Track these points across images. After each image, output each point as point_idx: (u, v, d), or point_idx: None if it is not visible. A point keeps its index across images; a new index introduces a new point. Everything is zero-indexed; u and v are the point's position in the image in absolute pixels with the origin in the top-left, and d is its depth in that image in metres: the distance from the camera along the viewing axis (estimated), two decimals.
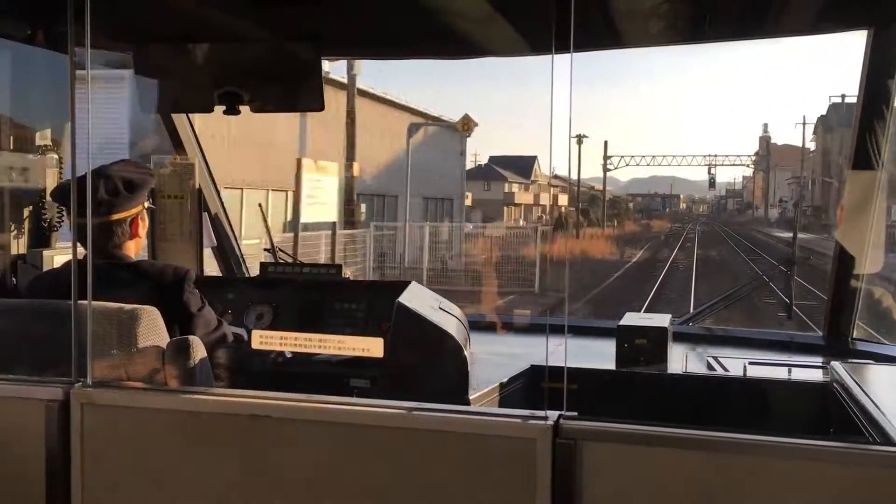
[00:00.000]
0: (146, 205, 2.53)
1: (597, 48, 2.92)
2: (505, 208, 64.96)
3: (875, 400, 2.06)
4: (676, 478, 1.48)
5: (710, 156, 65.85)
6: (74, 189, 1.92)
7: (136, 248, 2.49)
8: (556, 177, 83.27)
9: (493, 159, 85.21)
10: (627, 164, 59.18)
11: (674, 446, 1.48)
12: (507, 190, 72.00)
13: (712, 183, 60.02)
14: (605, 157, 54.43)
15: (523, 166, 76.63)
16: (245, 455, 1.65)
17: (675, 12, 2.61)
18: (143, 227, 2.50)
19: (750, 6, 2.64)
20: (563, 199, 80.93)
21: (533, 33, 2.67)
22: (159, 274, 2.44)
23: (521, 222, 60.22)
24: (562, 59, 1.61)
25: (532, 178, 79.06)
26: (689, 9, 2.66)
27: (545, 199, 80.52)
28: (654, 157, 69.95)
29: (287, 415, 1.64)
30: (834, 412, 2.36)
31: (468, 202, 63.12)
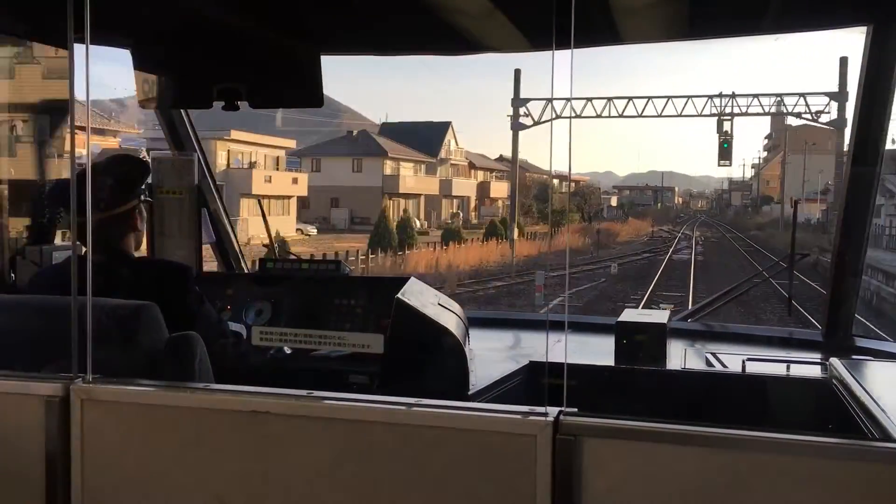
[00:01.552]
0: (143, 198, 2.51)
1: (598, 44, 2.92)
2: (390, 202, 39.43)
3: (874, 396, 2.06)
4: (676, 474, 1.48)
5: (718, 96, 31.47)
6: (74, 186, 1.92)
7: (136, 242, 2.49)
8: (501, 158, 59.48)
9: (381, 127, 56.27)
10: (559, 115, 25.13)
11: (674, 442, 1.49)
12: (388, 172, 43.81)
13: (726, 149, 28.84)
14: (515, 103, 28.77)
15: (428, 138, 48.50)
16: (245, 451, 1.65)
17: (676, 8, 2.61)
18: (141, 221, 2.49)
19: (751, 2, 2.64)
20: (501, 189, 53.95)
21: (533, 29, 2.67)
22: (161, 271, 2.44)
23: (418, 223, 38.17)
24: (562, 55, 1.62)
25: (442, 155, 51.46)
26: (690, 5, 2.66)
27: (465, 189, 52.80)
28: (610, 99, 32.81)
29: (287, 411, 1.64)
30: (833, 409, 2.36)
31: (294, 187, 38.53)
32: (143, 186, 2.52)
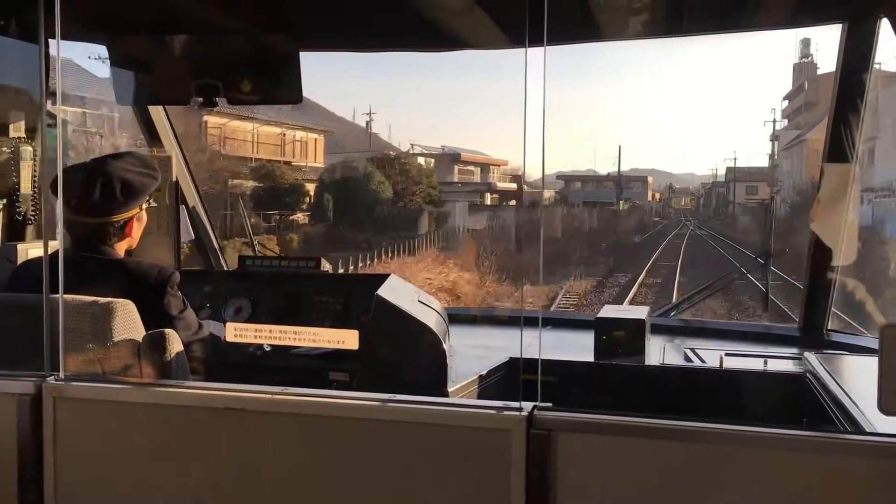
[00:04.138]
0: (145, 206, 2.46)
1: (571, 41, 2.92)
2: None
3: (846, 389, 2.09)
4: (649, 467, 1.49)
5: None
6: (42, 183, 1.90)
7: (127, 246, 2.45)
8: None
9: None
10: None
11: (647, 436, 1.50)
12: None
13: None
14: None
15: None
16: (219, 448, 1.65)
17: (652, 5, 2.62)
18: (138, 228, 2.45)
19: (726, 0, 2.66)
20: None
21: (507, 26, 2.67)
22: (143, 274, 2.40)
23: None
24: (535, 53, 1.62)
25: None
26: (666, 2, 2.67)
27: None
28: None
29: (261, 407, 1.64)
30: (807, 402, 2.39)
31: None
32: (148, 195, 2.45)
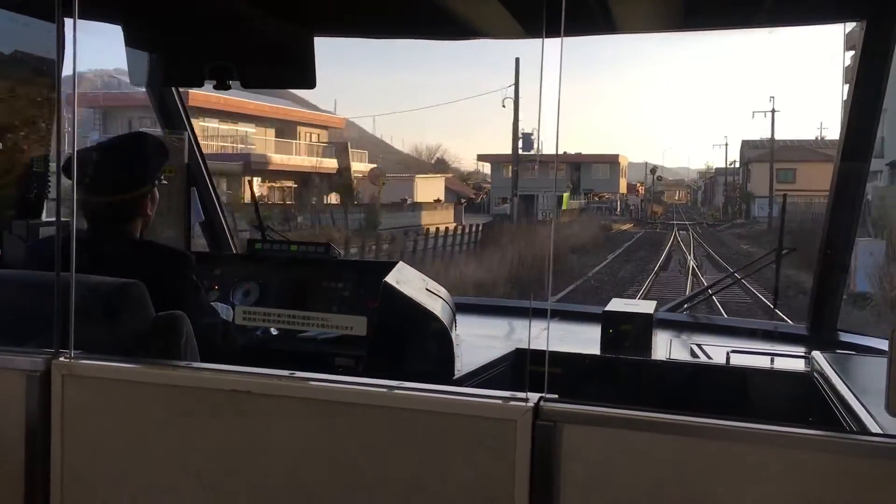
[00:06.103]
0: (157, 182, 2.48)
1: (589, 33, 2.91)
2: None
3: (853, 390, 2.08)
4: (654, 461, 1.49)
5: None
6: (59, 162, 1.91)
7: (142, 225, 2.46)
8: None
9: None
10: None
11: (653, 430, 1.49)
12: None
13: None
14: None
15: None
16: (225, 429, 1.66)
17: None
18: (151, 206, 2.46)
19: None
20: None
21: (524, 16, 2.66)
22: (161, 257, 2.41)
23: None
24: (552, 44, 1.61)
25: None
26: None
27: None
28: None
29: (268, 391, 1.64)
30: (814, 402, 2.38)
31: None
32: (159, 171, 2.47)
